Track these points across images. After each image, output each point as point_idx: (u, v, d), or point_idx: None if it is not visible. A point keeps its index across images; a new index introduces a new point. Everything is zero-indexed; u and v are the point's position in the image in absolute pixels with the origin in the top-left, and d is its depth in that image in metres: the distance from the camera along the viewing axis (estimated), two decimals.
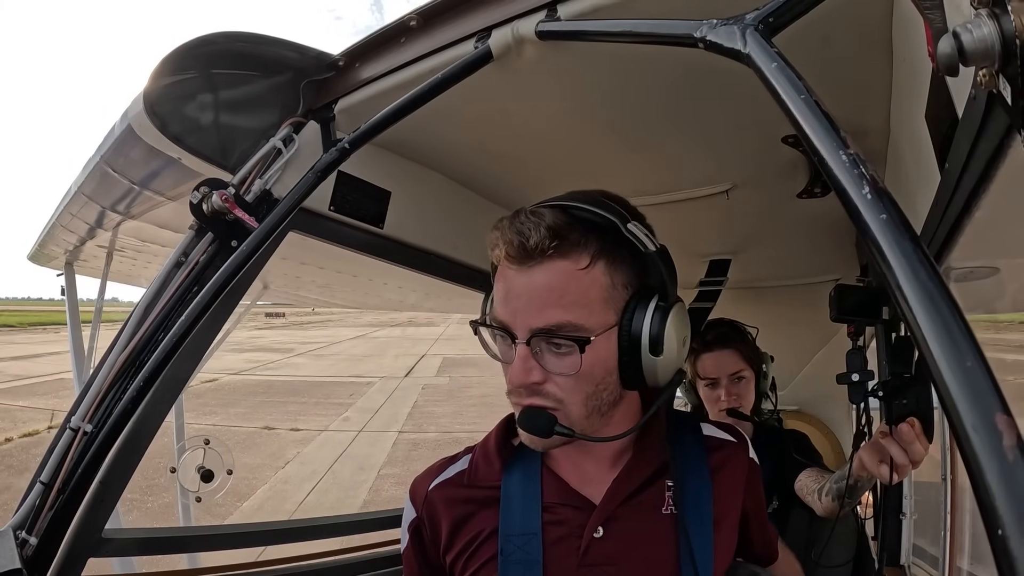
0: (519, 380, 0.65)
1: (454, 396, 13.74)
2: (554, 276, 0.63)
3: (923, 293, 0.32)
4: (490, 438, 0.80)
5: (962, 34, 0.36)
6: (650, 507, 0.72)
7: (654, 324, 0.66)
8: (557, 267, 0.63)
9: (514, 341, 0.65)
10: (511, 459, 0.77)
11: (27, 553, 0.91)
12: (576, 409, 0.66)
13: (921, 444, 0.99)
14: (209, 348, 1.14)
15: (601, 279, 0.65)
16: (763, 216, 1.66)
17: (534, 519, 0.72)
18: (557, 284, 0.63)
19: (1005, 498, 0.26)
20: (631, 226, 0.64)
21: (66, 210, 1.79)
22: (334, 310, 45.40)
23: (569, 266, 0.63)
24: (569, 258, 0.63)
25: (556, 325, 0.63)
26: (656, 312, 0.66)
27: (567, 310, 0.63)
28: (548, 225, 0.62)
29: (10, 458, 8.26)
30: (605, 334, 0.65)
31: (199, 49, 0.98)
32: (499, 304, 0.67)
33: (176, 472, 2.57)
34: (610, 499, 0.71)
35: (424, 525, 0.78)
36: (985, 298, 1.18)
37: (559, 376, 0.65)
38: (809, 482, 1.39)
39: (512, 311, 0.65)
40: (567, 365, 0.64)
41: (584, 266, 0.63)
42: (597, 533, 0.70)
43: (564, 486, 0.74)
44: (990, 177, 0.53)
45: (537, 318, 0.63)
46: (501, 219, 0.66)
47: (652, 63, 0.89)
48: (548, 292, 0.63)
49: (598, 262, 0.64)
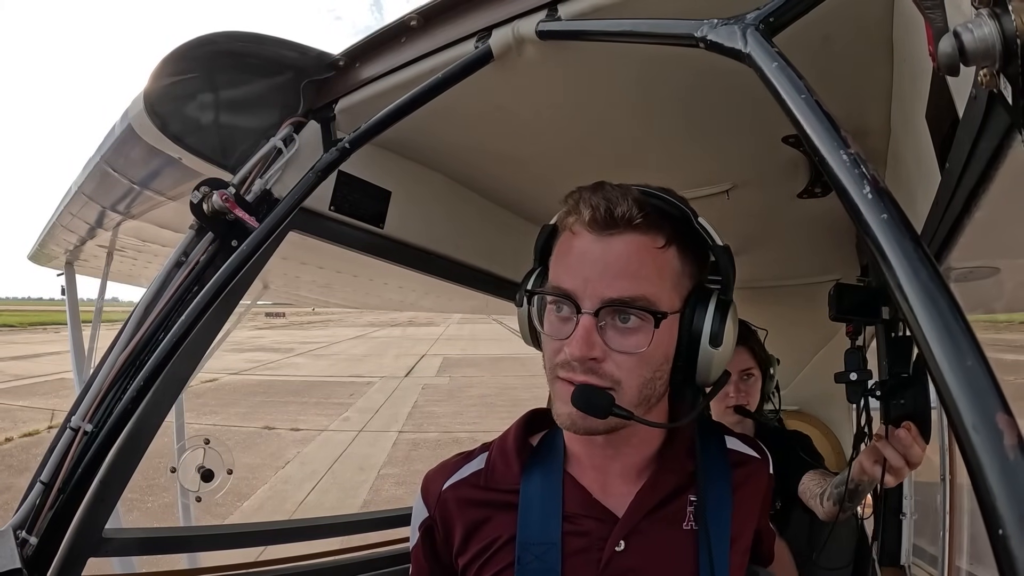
0: (580, 352, 0.61)
1: (454, 396, 13.73)
2: (633, 247, 0.62)
3: (924, 292, 0.32)
4: (508, 436, 0.77)
5: (963, 34, 0.36)
6: (672, 522, 0.70)
7: (716, 317, 0.65)
8: (638, 240, 0.62)
9: (578, 312, 0.62)
10: (530, 461, 0.74)
11: (27, 553, 0.91)
12: (631, 394, 0.63)
13: (919, 446, 0.99)
14: (209, 348, 1.14)
15: (674, 262, 0.64)
16: (763, 216, 1.66)
17: (554, 529, 0.69)
18: (636, 256, 0.62)
19: (1006, 497, 0.26)
20: (702, 220, 0.65)
21: (66, 210, 1.79)
22: (334, 310, 45.42)
23: (648, 242, 0.63)
24: (649, 234, 0.63)
25: (632, 297, 0.61)
26: (719, 306, 0.66)
27: (644, 283, 0.62)
28: (635, 198, 0.62)
29: (10, 458, 8.26)
30: (671, 318, 0.64)
31: (199, 49, 0.98)
32: (565, 272, 0.64)
33: (176, 472, 2.57)
34: (633, 512, 0.69)
35: (437, 526, 0.75)
36: (985, 298, 1.18)
37: (621, 354, 0.62)
38: (812, 485, 1.39)
39: (583, 279, 0.62)
40: (633, 343, 0.62)
41: (661, 245, 0.63)
42: (619, 547, 0.68)
43: (587, 496, 0.71)
44: (991, 177, 0.53)
45: (611, 288, 0.61)
46: (579, 188, 0.65)
47: (652, 63, 0.89)
48: (627, 262, 0.62)
49: (672, 246, 0.64)
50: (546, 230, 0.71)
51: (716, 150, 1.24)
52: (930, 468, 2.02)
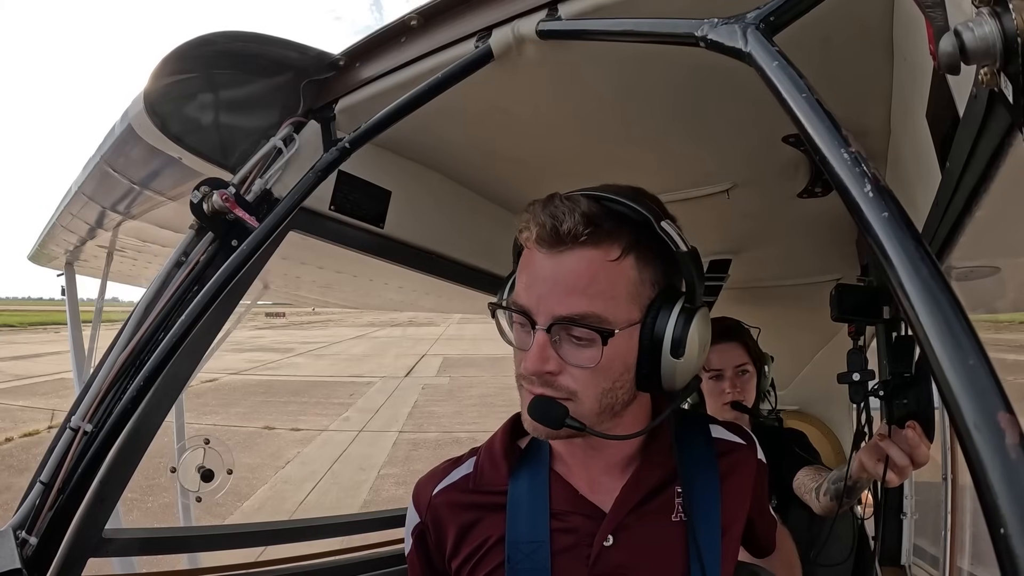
0: (534, 368, 0.63)
1: (454, 396, 13.73)
2: (583, 264, 0.61)
3: (925, 291, 0.32)
4: (495, 440, 0.78)
5: (963, 32, 0.36)
6: (660, 514, 0.71)
7: (678, 326, 0.64)
8: (587, 255, 0.61)
9: (533, 327, 0.63)
10: (517, 462, 0.75)
11: (27, 553, 0.90)
12: (589, 403, 0.64)
13: (924, 445, 0.99)
14: (209, 348, 1.14)
15: (630, 273, 0.63)
16: (764, 216, 1.66)
17: (542, 527, 0.70)
18: (585, 272, 0.61)
19: (1007, 497, 0.26)
20: (664, 224, 0.63)
21: (66, 210, 1.79)
22: (334, 310, 45.42)
23: (599, 256, 0.62)
24: (600, 248, 0.61)
25: (580, 315, 0.61)
26: (681, 314, 0.65)
27: (593, 300, 0.61)
28: (583, 212, 0.61)
29: (10, 458, 8.26)
30: (628, 330, 0.63)
31: (199, 49, 0.98)
32: (522, 288, 0.65)
33: (176, 472, 2.57)
34: (620, 507, 0.70)
35: (428, 531, 0.76)
36: (986, 297, 1.18)
37: (576, 368, 0.63)
38: (807, 480, 1.39)
39: (536, 296, 0.63)
40: (586, 357, 0.63)
41: (614, 258, 0.62)
42: (607, 542, 0.68)
43: (573, 493, 0.72)
44: (991, 176, 0.53)
45: (561, 305, 0.62)
46: (533, 202, 0.65)
47: (653, 62, 0.89)
48: (575, 279, 0.61)
49: (628, 255, 0.63)
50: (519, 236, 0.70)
51: (716, 149, 1.24)
52: (931, 468, 2.02)
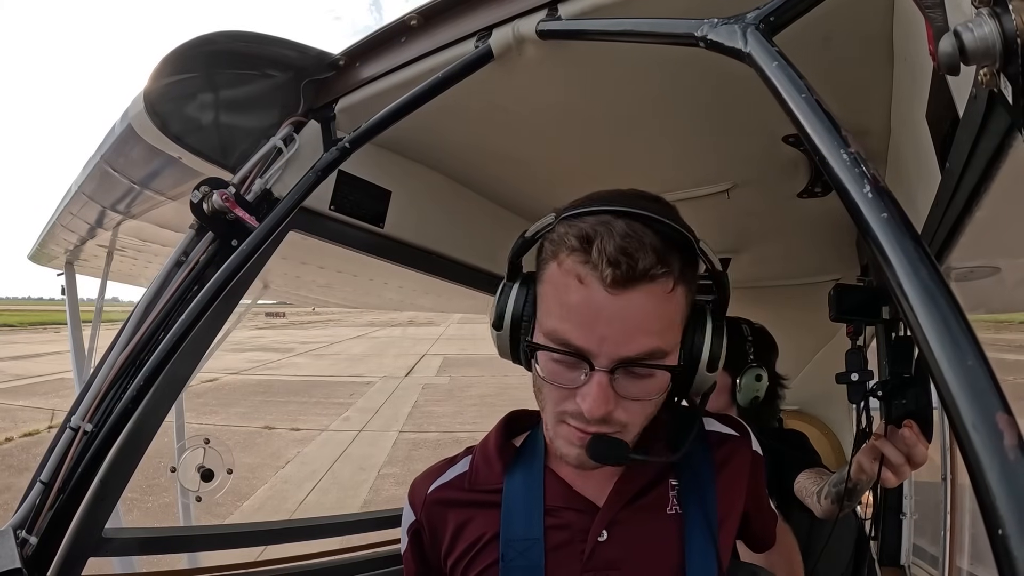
0: (598, 413, 0.59)
1: (454, 396, 13.73)
2: (651, 302, 0.58)
3: (924, 292, 0.32)
4: (489, 439, 0.78)
5: (963, 33, 0.36)
6: (655, 508, 0.71)
7: (715, 343, 0.64)
8: (653, 292, 0.58)
9: (591, 368, 0.59)
10: (512, 460, 0.75)
11: (27, 552, 0.91)
12: (635, 431, 0.64)
13: (922, 445, 0.99)
14: (209, 348, 1.14)
15: (681, 301, 0.61)
16: (763, 215, 1.66)
17: (536, 524, 0.70)
18: (653, 312, 0.58)
19: (1006, 497, 0.26)
20: (702, 244, 0.61)
21: (66, 210, 1.79)
22: (334, 310, 45.42)
23: (660, 290, 0.58)
24: (661, 282, 0.58)
25: (647, 353, 0.59)
26: (716, 331, 0.65)
27: (657, 337, 0.59)
28: (653, 246, 0.57)
29: (10, 458, 8.26)
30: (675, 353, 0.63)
31: (199, 49, 0.98)
32: (574, 327, 0.59)
33: (176, 471, 2.57)
34: (614, 501, 0.70)
35: (423, 529, 0.77)
36: (985, 297, 1.18)
37: (631, 401, 0.61)
38: (808, 483, 1.38)
39: (599, 338, 0.58)
40: (645, 391, 0.61)
41: (670, 289, 0.59)
42: (601, 537, 0.68)
43: (567, 489, 0.72)
44: (991, 176, 0.53)
45: (627, 347, 0.58)
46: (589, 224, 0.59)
47: (653, 62, 0.89)
48: (644, 319, 0.58)
49: (680, 284, 0.60)
50: (526, 242, 0.68)
51: (716, 149, 1.24)
52: (930, 468, 2.02)
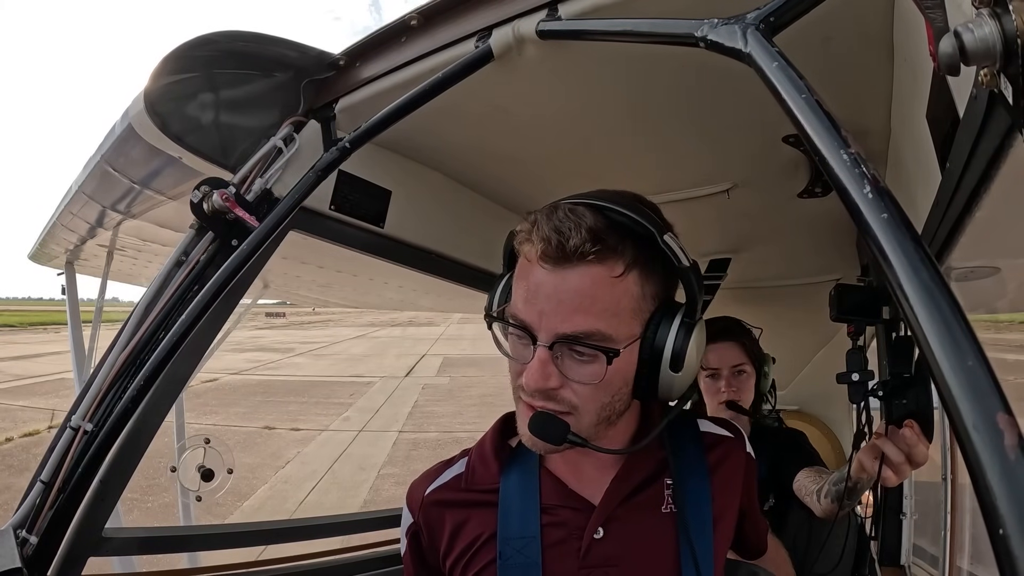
0: (536, 385, 0.62)
1: (454, 396, 13.74)
2: (588, 281, 0.60)
3: (924, 292, 0.32)
4: (486, 440, 0.79)
5: (963, 33, 0.36)
6: (650, 506, 0.71)
7: (678, 340, 0.64)
8: (592, 272, 0.60)
9: (534, 343, 0.62)
10: (508, 460, 0.76)
11: (27, 552, 0.91)
12: (589, 417, 0.65)
13: (923, 444, 0.99)
14: (209, 348, 1.14)
15: (633, 289, 0.62)
16: (764, 216, 1.66)
17: (532, 522, 0.71)
18: (590, 291, 0.60)
19: (1006, 497, 0.26)
20: (667, 237, 0.61)
21: (67, 209, 1.79)
22: (334, 310, 45.42)
23: (604, 272, 0.60)
24: (605, 264, 0.60)
25: (584, 333, 0.60)
26: (681, 328, 0.64)
27: (597, 318, 0.60)
28: (589, 227, 0.59)
29: (11, 458, 8.26)
30: (630, 346, 0.63)
31: (200, 48, 0.98)
32: (522, 302, 0.63)
33: (176, 471, 2.57)
34: (609, 499, 0.71)
35: (421, 531, 0.77)
36: (986, 298, 1.18)
37: (577, 384, 0.63)
38: (807, 483, 1.39)
39: (538, 312, 0.61)
40: (589, 374, 0.62)
41: (618, 274, 0.61)
42: (597, 534, 0.69)
43: (563, 487, 0.73)
44: (991, 177, 0.53)
45: (565, 323, 0.60)
46: (534, 212, 0.63)
47: (653, 63, 0.89)
48: (580, 298, 0.60)
49: (632, 271, 0.62)
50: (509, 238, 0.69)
51: (716, 150, 1.24)
52: (931, 468, 2.02)
